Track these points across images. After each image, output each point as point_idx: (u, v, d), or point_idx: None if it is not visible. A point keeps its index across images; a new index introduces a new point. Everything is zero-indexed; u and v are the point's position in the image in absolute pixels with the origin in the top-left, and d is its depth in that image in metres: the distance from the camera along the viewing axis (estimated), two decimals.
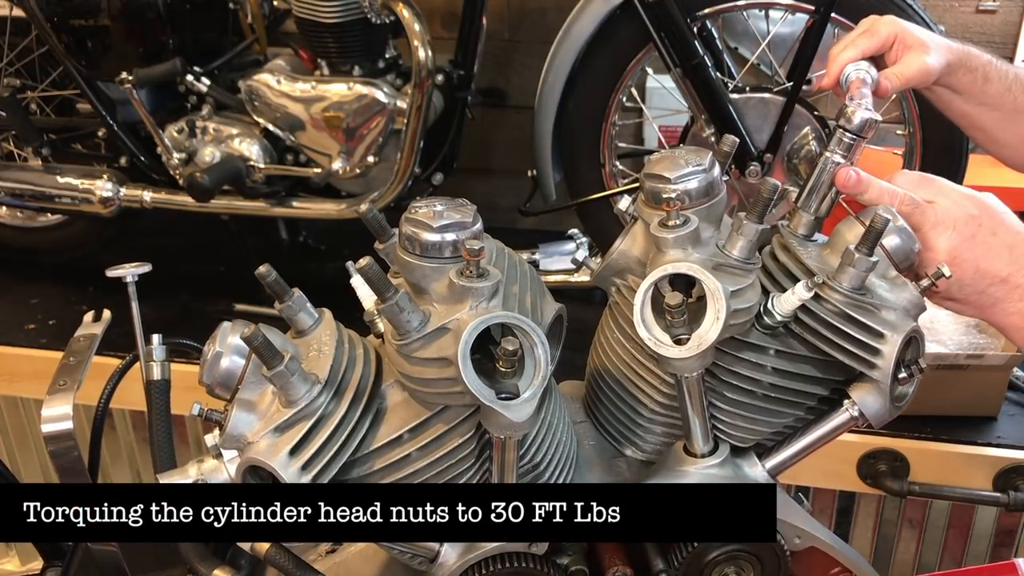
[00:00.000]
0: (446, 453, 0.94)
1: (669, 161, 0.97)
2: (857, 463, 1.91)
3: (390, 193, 2.30)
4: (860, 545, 2.14)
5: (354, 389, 0.91)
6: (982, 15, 2.51)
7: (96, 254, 2.60)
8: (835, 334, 0.97)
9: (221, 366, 0.90)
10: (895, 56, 1.35)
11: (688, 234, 0.92)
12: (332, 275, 2.44)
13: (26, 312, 2.51)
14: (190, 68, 2.32)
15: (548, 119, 2.27)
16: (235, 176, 2.32)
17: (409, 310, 0.85)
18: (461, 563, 1.00)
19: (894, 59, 1.35)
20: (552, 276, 2.40)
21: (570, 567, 1.05)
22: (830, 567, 1.09)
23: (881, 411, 1.00)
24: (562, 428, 1.02)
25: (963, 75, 1.40)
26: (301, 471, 0.87)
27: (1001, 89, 1.42)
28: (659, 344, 0.92)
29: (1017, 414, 1.97)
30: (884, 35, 1.34)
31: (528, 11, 2.74)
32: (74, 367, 1.19)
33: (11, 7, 2.43)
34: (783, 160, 2.15)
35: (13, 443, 2.56)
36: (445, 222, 0.88)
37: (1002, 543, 2.10)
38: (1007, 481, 1.85)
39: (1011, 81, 1.42)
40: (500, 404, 0.85)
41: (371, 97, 2.24)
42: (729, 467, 1.04)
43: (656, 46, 2.09)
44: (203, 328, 0.94)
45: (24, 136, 2.48)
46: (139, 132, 2.41)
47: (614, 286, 1.06)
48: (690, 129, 2.22)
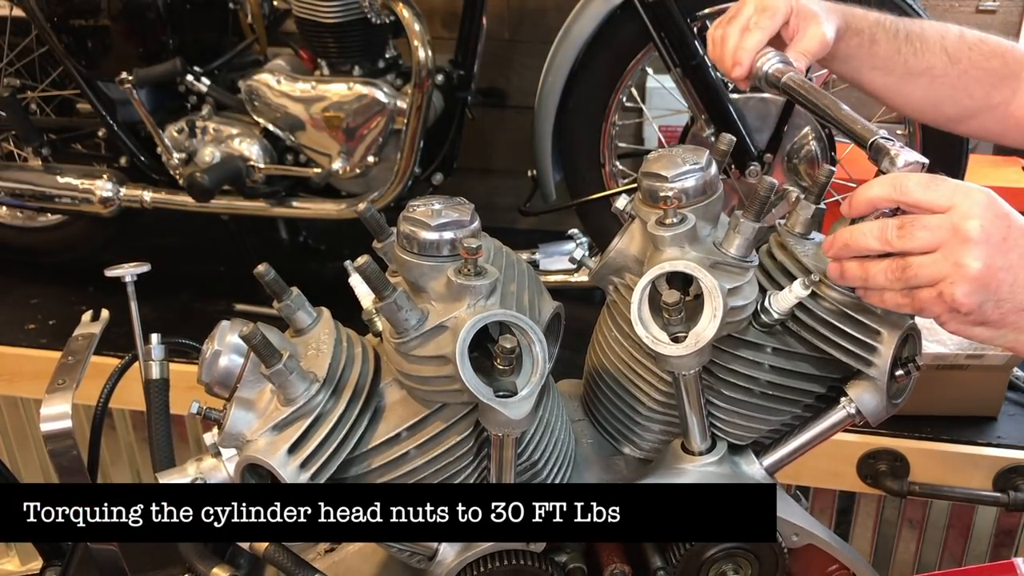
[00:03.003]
0: (444, 451, 0.94)
1: (666, 160, 0.97)
2: (857, 463, 1.91)
3: (390, 193, 2.30)
4: (860, 545, 2.14)
5: (352, 387, 0.91)
6: (982, 15, 2.51)
7: (96, 254, 2.60)
8: (832, 332, 0.97)
9: (220, 365, 0.90)
10: (793, 30, 1.24)
11: (685, 232, 0.92)
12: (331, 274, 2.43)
13: (26, 312, 2.51)
14: (190, 68, 2.32)
15: (548, 119, 2.27)
16: (235, 176, 2.32)
17: (407, 308, 0.85)
18: (459, 561, 1.00)
19: (792, 33, 1.25)
20: (552, 276, 2.40)
21: (568, 565, 1.05)
22: (828, 565, 1.09)
23: (878, 408, 1.00)
24: (560, 426, 1.02)
25: (849, 39, 1.29)
26: (300, 469, 0.87)
27: (891, 51, 1.31)
28: (657, 342, 0.92)
29: (1017, 414, 1.97)
30: (783, 11, 1.23)
31: (528, 11, 2.74)
32: (73, 366, 1.19)
33: (11, 7, 2.43)
34: (783, 160, 2.15)
35: (13, 443, 2.56)
36: (443, 220, 0.88)
37: (1002, 543, 2.10)
38: (1007, 481, 1.85)
39: (901, 42, 1.31)
40: (498, 402, 0.85)
41: (371, 97, 2.24)
42: (727, 465, 1.05)
43: (656, 46, 2.09)
44: (202, 328, 0.94)
45: (24, 136, 2.47)
46: (139, 132, 2.41)
47: (612, 285, 1.06)
48: (690, 129, 2.22)
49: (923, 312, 0.91)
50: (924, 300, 0.89)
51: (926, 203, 0.87)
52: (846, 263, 0.92)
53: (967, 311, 0.87)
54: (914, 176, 0.90)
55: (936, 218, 0.87)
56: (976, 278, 0.85)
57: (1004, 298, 0.87)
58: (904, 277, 0.88)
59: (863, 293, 0.94)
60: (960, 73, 1.32)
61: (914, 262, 0.87)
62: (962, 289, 0.86)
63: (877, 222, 0.90)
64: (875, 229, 0.89)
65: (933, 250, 0.87)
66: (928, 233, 0.86)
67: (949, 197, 0.87)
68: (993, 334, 0.90)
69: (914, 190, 0.88)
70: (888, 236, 0.88)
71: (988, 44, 1.34)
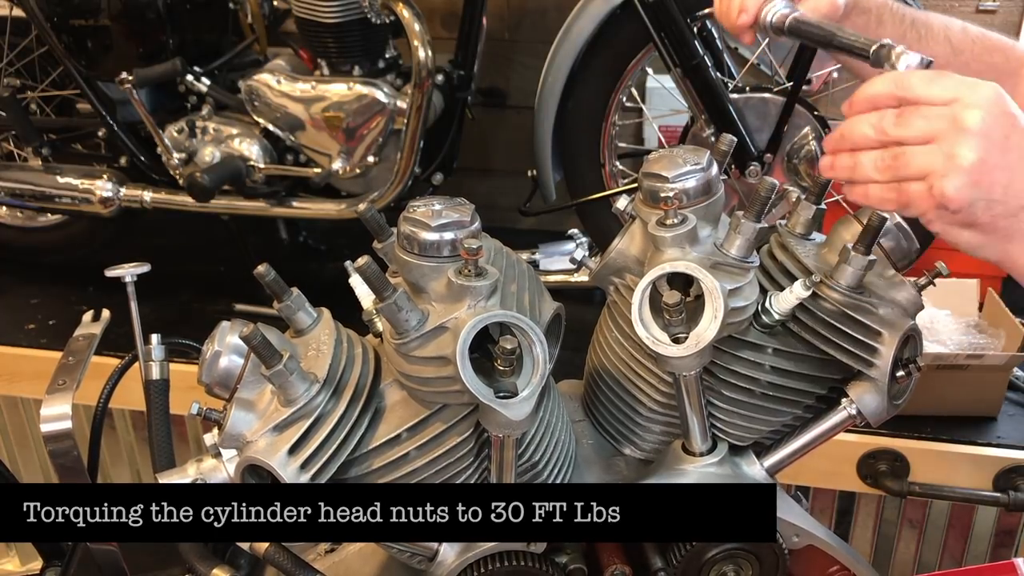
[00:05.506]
0: (444, 452, 0.94)
1: (667, 160, 0.97)
2: (857, 463, 1.91)
3: (390, 193, 2.30)
4: (860, 545, 2.14)
5: (353, 388, 0.91)
6: (982, 15, 2.51)
7: (96, 254, 2.60)
8: (833, 333, 0.97)
9: (220, 365, 0.90)
10: None
11: (686, 233, 0.92)
12: (331, 275, 2.44)
13: (26, 312, 2.51)
14: (190, 68, 2.32)
15: (548, 119, 2.27)
16: (235, 176, 2.32)
17: (407, 309, 0.85)
18: (460, 562, 1.00)
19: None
20: (552, 276, 2.40)
21: (569, 565, 1.05)
22: (828, 565, 1.09)
23: (879, 409, 1.00)
24: (561, 427, 1.02)
25: (857, 16, 1.27)
26: (300, 470, 0.87)
27: (896, 35, 1.27)
28: (657, 343, 0.92)
29: (1017, 414, 1.97)
30: None
31: (528, 11, 2.74)
32: (73, 367, 1.19)
33: (11, 7, 2.43)
34: (783, 160, 2.15)
35: (13, 443, 2.56)
36: (443, 221, 0.88)
37: (1002, 543, 2.10)
38: (1007, 481, 1.85)
39: (906, 27, 1.30)
40: (498, 403, 0.85)
41: (371, 97, 2.24)
42: (727, 466, 1.04)
43: (656, 46, 2.09)
44: (202, 328, 0.94)
45: (24, 136, 2.48)
46: (139, 132, 2.41)
47: (612, 285, 1.06)
48: (690, 129, 2.22)
49: (909, 208, 0.86)
50: (912, 194, 0.84)
51: (928, 97, 0.83)
52: (838, 156, 0.88)
53: (956, 208, 0.82)
54: (918, 72, 0.86)
55: (937, 108, 0.82)
56: (969, 171, 0.81)
57: (996, 199, 0.82)
58: (894, 166, 0.84)
59: (848, 189, 0.88)
60: (962, 65, 1.31)
61: (907, 151, 0.83)
62: (953, 183, 0.81)
63: (875, 112, 0.86)
64: (872, 117, 0.85)
65: (929, 141, 0.82)
66: (925, 122, 0.82)
67: (954, 90, 0.82)
68: (981, 240, 0.85)
69: (916, 85, 0.84)
70: (884, 124, 0.84)
71: (990, 39, 1.34)
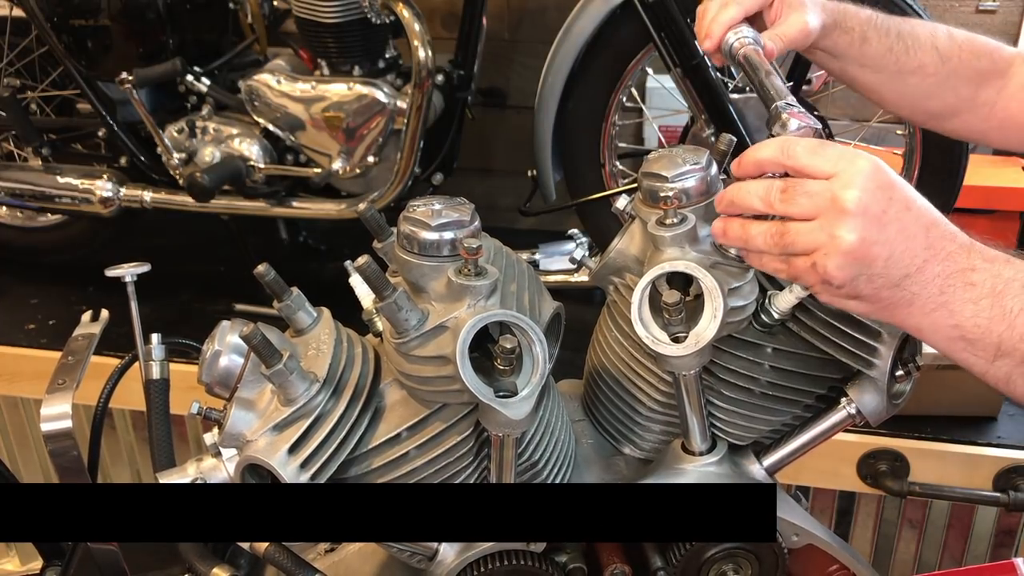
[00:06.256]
0: (444, 451, 0.94)
1: (667, 160, 0.97)
2: (857, 463, 1.91)
3: (390, 193, 2.30)
4: (860, 545, 2.14)
5: (352, 387, 0.91)
6: (982, 15, 2.51)
7: (96, 254, 2.60)
8: (832, 332, 0.97)
9: (220, 365, 0.90)
10: (775, 14, 1.22)
11: (685, 232, 0.92)
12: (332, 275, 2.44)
13: (26, 312, 2.51)
14: (190, 68, 2.32)
15: (548, 119, 2.27)
16: (235, 176, 2.32)
17: (407, 308, 0.85)
18: (459, 561, 1.00)
19: (774, 17, 1.22)
20: (552, 276, 2.40)
21: (568, 565, 1.05)
22: (828, 565, 1.09)
23: (878, 409, 1.00)
24: (560, 426, 1.02)
25: (839, 36, 1.27)
26: (300, 469, 0.87)
27: (881, 50, 1.29)
28: (657, 342, 0.92)
29: (1017, 414, 1.97)
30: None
31: (528, 11, 2.74)
32: (73, 366, 1.19)
33: (11, 7, 2.43)
34: None
35: (13, 443, 2.56)
36: (443, 221, 0.88)
37: (1002, 543, 2.10)
38: (1007, 481, 1.85)
39: (892, 40, 1.30)
40: (498, 402, 0.85)
41: (371, 97, 2.24)
42: (727, 465, 1.04)
43: (656, 46, 2.09)
44: (203, 328, 0.94)
45: (24, 136, 2.47)
46: (139, 132, 2.41)
47: (612, 285, 1.06)
48: (690, 129, 2.22)
49: (798, 280, 0.89)
50: (799, 268, 0.87)
51: (810, 168, 0.86)
52: (729, 221, 0.91)
53: (839, 284, 0.85)
54: (803, 141, 0.88)
55: (818, 184, 0.85)
56: (848, 252, 0.83)
57: (878, 273, 0.84)
58: (782, 243, 0.86)
59: (745, 254, 0.92)
60: (950, 72, 1.32)
61: (792, 228, 0.86)
62: (834, 262, 0.83)
63: (764, 182, 0.88)
64: (760, 189, 0.88)
65: (812, 218, 0.85)
66: (808, 200, 0.85)
67: (833, 164, 0.85)
68: (867, 308, 0.88)
69: (800, 155, 0.86)
70: (771, 198, 0.87)
71: (977, 43, 1.34)
